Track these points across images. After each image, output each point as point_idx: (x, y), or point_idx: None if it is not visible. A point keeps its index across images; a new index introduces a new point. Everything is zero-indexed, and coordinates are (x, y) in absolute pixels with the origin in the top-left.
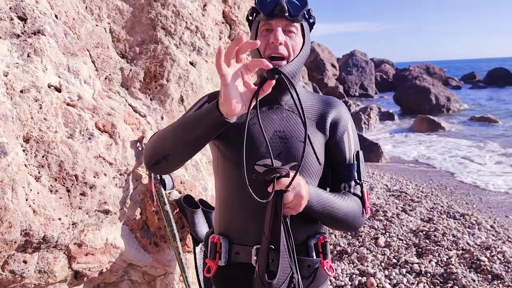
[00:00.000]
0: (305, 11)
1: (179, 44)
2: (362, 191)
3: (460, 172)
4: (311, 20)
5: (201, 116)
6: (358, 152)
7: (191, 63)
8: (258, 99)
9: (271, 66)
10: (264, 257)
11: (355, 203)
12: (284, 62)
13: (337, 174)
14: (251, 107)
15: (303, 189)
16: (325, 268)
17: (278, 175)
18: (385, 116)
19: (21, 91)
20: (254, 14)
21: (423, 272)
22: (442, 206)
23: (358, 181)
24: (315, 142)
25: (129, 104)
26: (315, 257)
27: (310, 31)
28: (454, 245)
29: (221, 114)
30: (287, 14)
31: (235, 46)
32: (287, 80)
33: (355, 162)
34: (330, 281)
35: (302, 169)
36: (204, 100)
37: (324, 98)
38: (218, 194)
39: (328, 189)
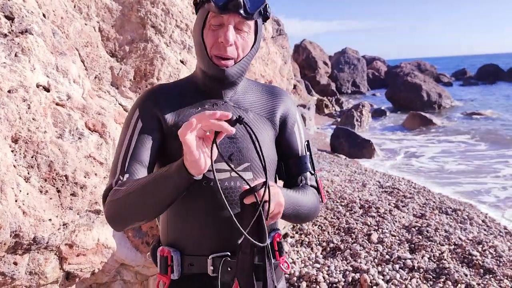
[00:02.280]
0: (261, 8)
1: (169, 43)
2: (317, 181)
3: (452, 168)
4: (267, 15)
5: (167, 180)
6: (307, 141)
7: (182, 62)
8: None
9: (233, 131)
10: (250, 275)
11: (314, 196)
12: (232, 63)
13: (292, 167)
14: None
15: (281, 197)
16: (281, 265)
17: (262, 198)
18: (377, 113)
19: (9, 91)
20: (204, 0)
21: (416, 268)
22: (434, 202)
23: (313, 172)
24: (265, 139)
25: (119, 103)
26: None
27: (263, 23)
28: (446, 240)
29: (191, 175)
30: (242, 11)
31: (208, 118)
32: (250, 130)
33: (307, 153)
34: (324, 278)
35: (257, 168)
36: (137, 118)
37: (269, 89)
38: None
39: (280, 182)
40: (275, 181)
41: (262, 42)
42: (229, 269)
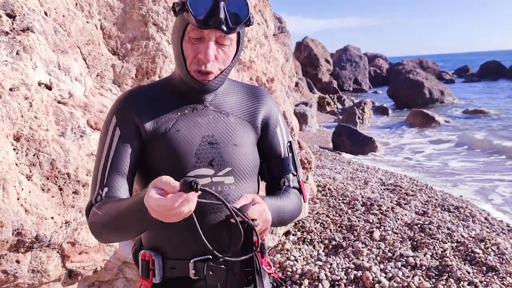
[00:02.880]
0: (245, 21)
1: (171, 40)
2: (299, 182)
3: (454, 165)
4: (250, 23)
5: (136, 214)
6: (290, 142)
7: None
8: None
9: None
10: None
11: (297, 198)
12: (212, 76)
13: (274, 169)
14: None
15: (268, 213)
16: (263, 266)
17: (249, 220)
18: (379, 111)
19: (11, 89)
20: (182, 9)
21: (418, 265)
22: (436, 199)
23: (295, 173)
24: (246, 143)
25: None
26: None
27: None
28: (448, 237)
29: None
30: (224, 26)
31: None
32: (212, 196)
33: (289, 154)
34: (326, 275)
35: (238, 173)
36: (114, 126)
37: (250, 89)
38: None
39: (260, 183)
40: (258, 183)
41: (264, 40)
42: (210, 272)
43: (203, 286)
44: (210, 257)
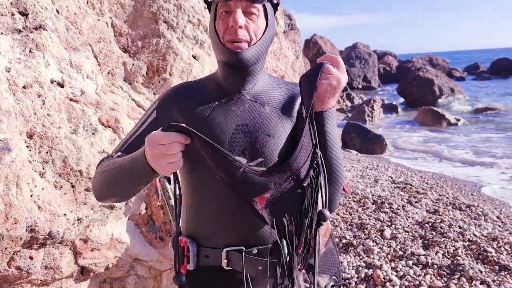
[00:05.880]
0: None
1: (182, 38)
2: None
3: (464, 163)
4: (275, 1)
5: (135, 167)
6: None
7: (194, 57)
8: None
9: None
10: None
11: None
12: (245, 45)
13: None
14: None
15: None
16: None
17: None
18: (389, 108)
19: (24, 87)
20: None
21: (429, 264)
22: (447, 198)
23: None
24: (281, 133)
25: (132, 99)
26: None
27: (275, 13)
28: (460, 236)
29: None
30: None
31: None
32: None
33: None
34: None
35: (270, 164)
36: (152, 110)
37: (290, 84)
38: (185, 198)
39: None
40: None
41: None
42: (242, 263)
43: (235, 276)
44: (243, 248)
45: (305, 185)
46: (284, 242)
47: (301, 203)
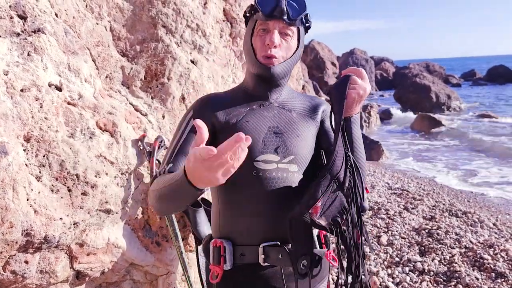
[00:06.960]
0: (303, 16)
1: (180, 43)
2: None
3: (460, 169)
4: (307, 25)
5: (179, 188)
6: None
7: (192, 62)
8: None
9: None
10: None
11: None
12: (277, 62)
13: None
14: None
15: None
16: (329, 259)
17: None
18: (386, 114)
19: (22, 90)
20: (252, 12)
21: (426, 271)
22: (444, 204)
23: None
24: (308, 135)
25: (130, 103)
26: (318, 247)
27: (305, 34)
28: (457, 243)
29: (198, 188)
30: (285, 17)
31: (235, 143)
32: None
33: None
34: (332, 280)
35: (301, 162)
36: (190, 117)
37: (308, 95)
38: (217, 197)
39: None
40: (311, 174)
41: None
42: (280, 256)
43: (272, 272)
44: (279, 243)
45: (346, 185)
46: (340, 240)
47: (346, 203)
